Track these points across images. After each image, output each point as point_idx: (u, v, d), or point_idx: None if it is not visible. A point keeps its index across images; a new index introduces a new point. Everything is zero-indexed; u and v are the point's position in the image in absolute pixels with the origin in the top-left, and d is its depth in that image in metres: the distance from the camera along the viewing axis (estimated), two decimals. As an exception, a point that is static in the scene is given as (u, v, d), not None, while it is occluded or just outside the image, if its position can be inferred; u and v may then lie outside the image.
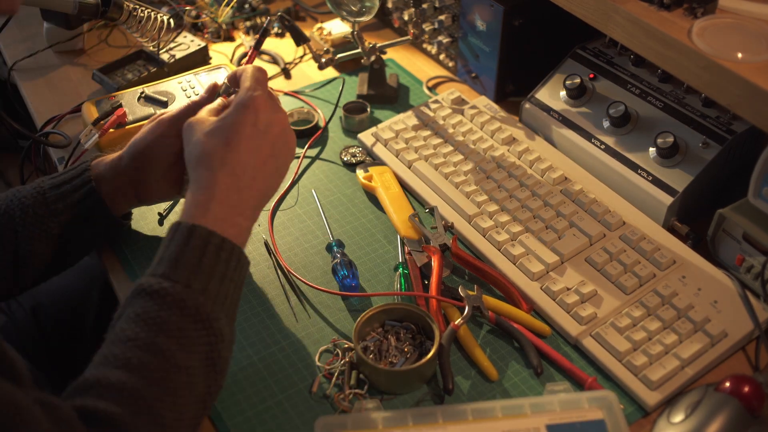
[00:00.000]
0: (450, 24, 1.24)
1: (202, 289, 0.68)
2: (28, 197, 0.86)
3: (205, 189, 0.71)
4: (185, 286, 0.67)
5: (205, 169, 0.72)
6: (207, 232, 0.69)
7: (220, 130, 0.74)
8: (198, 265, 0.68)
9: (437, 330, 0.82)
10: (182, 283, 0.67)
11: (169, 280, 0.67)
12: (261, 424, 0.80)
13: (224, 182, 0.72)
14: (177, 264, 0.68)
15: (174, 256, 0.68)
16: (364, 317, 0.84)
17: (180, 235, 0.69)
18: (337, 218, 1.04)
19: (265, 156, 0.75)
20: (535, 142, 1.10)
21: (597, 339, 0.85)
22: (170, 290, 0.66)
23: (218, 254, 0.69)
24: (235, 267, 0.71)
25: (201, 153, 0.73)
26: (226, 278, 0.70)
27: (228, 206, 0.71)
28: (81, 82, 1.28)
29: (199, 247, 0.68)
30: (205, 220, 0.70)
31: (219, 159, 0.72)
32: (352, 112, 1.19)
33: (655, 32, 0.83)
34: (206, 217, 0.70)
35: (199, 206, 0.71)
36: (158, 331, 0.65)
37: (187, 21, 1.39)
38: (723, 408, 0.75)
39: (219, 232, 0.70)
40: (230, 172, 0.72)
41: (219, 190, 0.71)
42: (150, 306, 0.66)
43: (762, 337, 0.86)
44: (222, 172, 0.72)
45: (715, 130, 0.97)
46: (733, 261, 0.92)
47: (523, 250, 0.95)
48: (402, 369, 0.81)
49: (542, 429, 0.74)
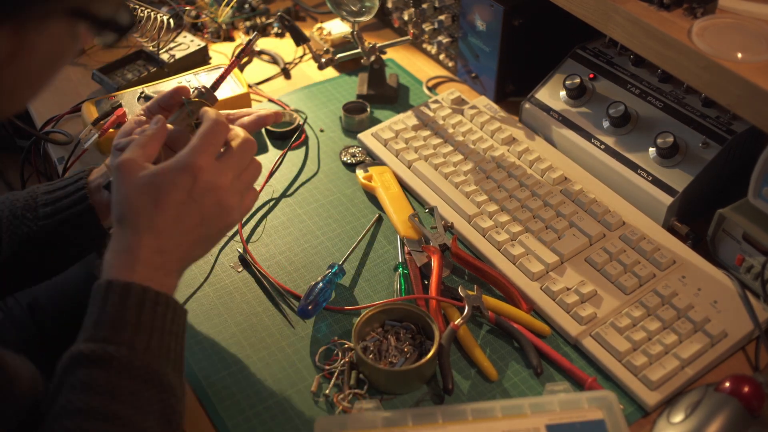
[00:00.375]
0: (450, 24, 1.24)
1: (145, 347, 0.66)
2: (20, 200, 0.85)
3: (128, 251, 0.68)
4: (129, 349, 0.65)
5: (129, 228, 0.69)
6: (142, 289, 0.67)
7: (152, 187, 0.69)
8: (138, 325, 0.66)
9: (437, 330, 0.82)
10: (126, 346, 0.65)
11: (113, 343, 0.64)
12: (261, 424, 0.80)
13: (148, 245, 0.68)
14: (117, 326, 0.65)
15: (112, 318, 0.65)
16: (364, 317, 0.84)
17: (114, 295, 0.66)
18: (337, 218, 1.04)
19: (194, 225, 0.71)
20: (535, 142, 1.10)
21: (597, 339, 0.85)
22: (115, 354, 0.64)
23: (155, 309, 0.67)
24: (172, 319, 0.69)
25: (127, 211, 0.69)
26: (165, 331, 0.68)
27: (152, 267, 0.68)
28: (81, 82, 1.28)
29: (137, 305, 0.66)
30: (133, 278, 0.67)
31: (146, 220, 0.69)
32: (352, 112, 1.19)
33: (655, 32, 0.83)
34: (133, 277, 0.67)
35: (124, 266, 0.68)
36: (111, 398, 0.63)
37: (187, 21, 1.39)
38: (723, 408, 0.75)
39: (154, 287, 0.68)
40: (156, 235, 0.69)
41: (143, 253, 0.68)
42: (97, 374, 0.63)
43: (762, 337, 0.86)
44: (147, 235, 0.68)
45: (715, 130, 0.97)
46: (733, 261, 0.92)
47: (523, 250, 0.95)
48: (402, 369, 0.81)
49: (542, 429, 0.74)
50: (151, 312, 0.67)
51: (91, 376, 0.63)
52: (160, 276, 0.69)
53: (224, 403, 0.82)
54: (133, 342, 0.65)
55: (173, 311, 0.69)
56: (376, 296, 0.93)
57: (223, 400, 0.82)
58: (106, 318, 0.66)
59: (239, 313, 0.91)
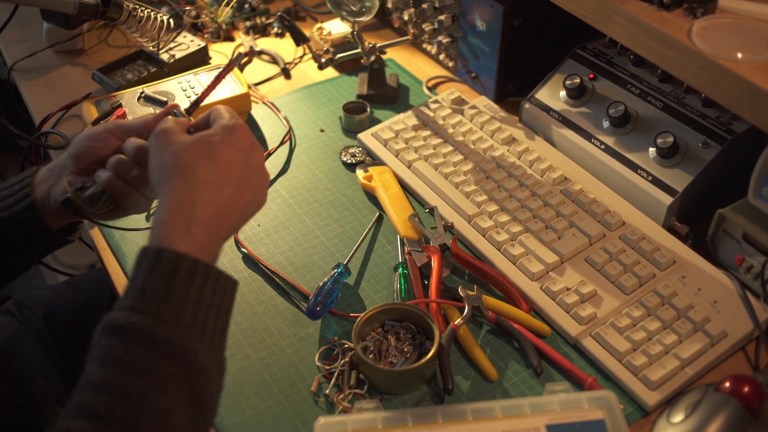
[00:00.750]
0: (450, 24, 1.24)
1: (174, 319, 0.61)
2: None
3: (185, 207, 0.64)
4: (155, 318, 0.60)
5: (184, 183, 0.65)
6: (176, 255, 0.62)
7: (205, 143, 0.67)
8: (167, 293, 0.61)
9: (437, 330, 0.82)
10: (151, 315, 0.60)
11: (136, 312, 0.60)
12: (261, 424, 0.80)
13: (206, 201, 0.65)
14: (144, 294, 0.61)
15: (140, 285, 0.61)
16: (364, 317, 0.84)
17: (146, 262, 0.62)
18: (337, 218, 1.04)
19: (244, 186, 0.68)
20: (534, 142, 1.10)
21: (597, 339, 0.85)
22: (137, 325, 0.59)
23: (191, 278, 0.62)
24: (213, 290, 0.63)
25: (182, 164, 0.65)
26: (203, 304, 0.62)
27: (207, 229, 0.64)
28: (81, 82, 1.28)
29: (168, 272, 0.61)
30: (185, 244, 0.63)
31: (204, 174, 0.65)
32: (352, 112, 1.19)
33: (655, 32, 0.83)
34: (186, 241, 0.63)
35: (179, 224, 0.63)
36: (126, 372, 0.58)
37: (187, 21, 1.39)
38: (723, 408, 0.75)
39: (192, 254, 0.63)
40: (213, 190, 0.65)
41: (200, 211, 0.64)
42: (116, 345, 0.59)
43: (762, 337, 0.86)
44: (205, 189, 0.65)
45: (715, 130, 0.97)
46: (733, 261, 0.92)
47: (523, 250, 0.95)
48: (402, 369, 0.81)
49: (542, 429, 0.74)
50: (186, 281, 0.62)
51: (110, 348, 0.59)
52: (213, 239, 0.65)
53: (224, 403, 0.82)
54: (159, 312, 0.60)
55: (215, 282, 0.64)
56: (376, 296, 0.93)
57: (224, 400, 0.82)
58: (135, 285, 0.62)
59: (239, 313, 0.91)
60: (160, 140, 0.68)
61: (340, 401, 0.80)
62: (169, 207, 0.64)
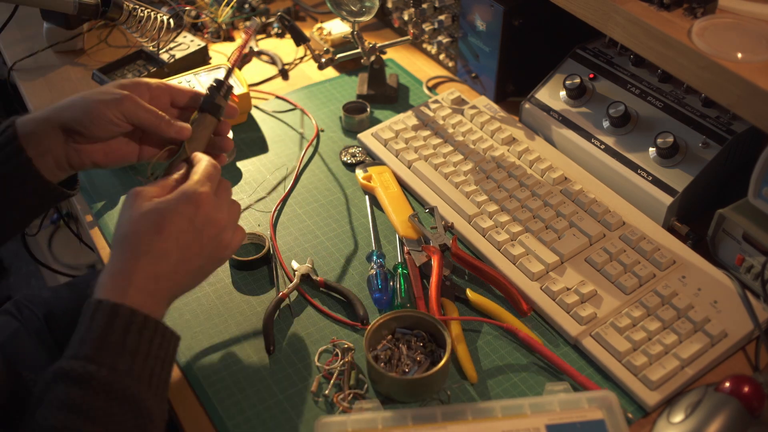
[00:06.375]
0: (450, 24, 1.24)
1: (127, 370, 0.66)
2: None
3: (123, 273, 0.69)
4: (111, 370, 0.65)
5: (128, 250, 0.70)
6: (130, 312, 0.67)
7: (155, 213, 0.71)
8: (122, 346, 0.66)
9: (449, 338, 0.82)
10: (107, 366, 0.65)
11: (94, 363, 0.64)
12: (261, 424, 0.80)
13: (144, 270, 0.69)
14: (101, 346, 0.65)
15: (97, 337, 0.66)
16: (375, 324, 0.84)
17: (102, 315, 0.66)
18: (336, 218, 1.04)
19: (193, 254, 0.72)
20: (534, 142, 1.10)
21: (597, 339, 0.85)
22: (96, 374, 0.64)
23: (141, 333, 0.67)
24: (160, 344, 0.69)
25: (129, 233, 0.70)
26: (151, 356, 0.68)
27: (145, 293, 0.69)
28: (81, 82, 1.28)
29: (123, 327, 0.66)
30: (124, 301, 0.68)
31: (145, 244, 0.70)
32: (352, 112, 1.19)
33: (655, 32, 0.83)
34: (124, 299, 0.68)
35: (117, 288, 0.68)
36: (84, 418, 0.63)
37: (187, 21, 1.39)
38: (723, 408, 0.75)
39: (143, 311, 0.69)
40: (154, 260, 0.70)
41: (137, 277, 0.69)
42: (75, 392, 0.63)
43: (762, 337, 0.86)
44: (145, 259, 0.69)
45: (715, 130, 0.97)
46: (733, 261, 0.92)
47: (523, 250, 0.95)
48: (415, 377, 0.80)
49: (542, 429, 0.74)
50: (137, 336, 0.67)
51: (69, 394, 0.63)
52: (150, 302, 0.69)
53: (224, 403, 0.82)
54: (115, 363, 0.65)
55: (161, 336, 0.69)
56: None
57: (223, 400, 0.82)
58: (92, 336, 0.66)
59: (239, 313, 0.91)
60: (125, 204, 0.73)
61: (340, 401, 0.80)
62: (108, 270, 0.70)
